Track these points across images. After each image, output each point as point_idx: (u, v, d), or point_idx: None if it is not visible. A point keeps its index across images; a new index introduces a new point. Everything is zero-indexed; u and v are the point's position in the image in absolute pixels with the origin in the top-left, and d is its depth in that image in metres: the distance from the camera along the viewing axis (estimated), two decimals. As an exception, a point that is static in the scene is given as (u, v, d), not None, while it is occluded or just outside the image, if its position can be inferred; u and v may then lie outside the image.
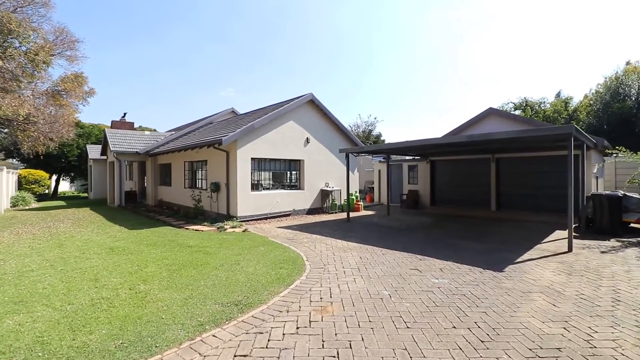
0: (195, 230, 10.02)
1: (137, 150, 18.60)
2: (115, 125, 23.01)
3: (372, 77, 70.75)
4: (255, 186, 12.19)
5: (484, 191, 13.98)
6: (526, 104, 33.90)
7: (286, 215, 12.74)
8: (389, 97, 67.17)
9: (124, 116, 23.97)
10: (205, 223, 10.93)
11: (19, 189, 24.03)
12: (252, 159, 11.88)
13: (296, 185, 13.65)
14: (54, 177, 30.71)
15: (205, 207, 13.06)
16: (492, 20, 61.87)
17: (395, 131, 62.99)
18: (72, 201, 23.24)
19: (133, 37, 73.80)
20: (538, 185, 12.47)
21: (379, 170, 18.43)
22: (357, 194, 15.45)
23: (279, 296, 4.36)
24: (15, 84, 9.64)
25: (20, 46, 9.30)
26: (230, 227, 10.23)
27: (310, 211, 13.63)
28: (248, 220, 11.49)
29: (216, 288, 4.64)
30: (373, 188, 19.95)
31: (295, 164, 13.57)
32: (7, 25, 8.87)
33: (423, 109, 69.03)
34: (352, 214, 12.93)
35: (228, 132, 11.91)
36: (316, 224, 10.98)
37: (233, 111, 21.46)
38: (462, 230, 9.69)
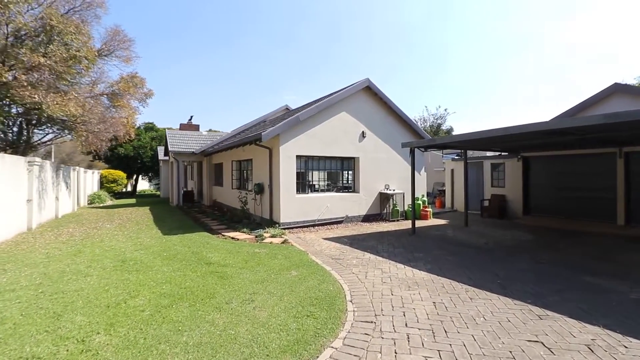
0: (231, 238, 8.71)
1: (194, 150, 18.54)
2: (182, 127, 23.75)
3: (444, 72, 64.85)
4: (302, 188, 10.52)
5: (606, 198, 10.26)
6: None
7: (337, 222, 10.82)
8: (462, 92, 60.67)
9: (190, 119, 24.72)
10: (244, 230, 9.59)
11: (100, 188, 26.46)
12: (298, 156, 10.22)
13: (350, 188, 11.64)
14: (134, 177, 33.58)
15: (251, 210, 11.85)
16: (593, -10, 51.67)
17: (469, 126, 56.59)
18: (142, 199, 24.59)
19: (208, 48, 79.55)
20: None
21: (452, 170, 15.38)
22: (425, 198, 12.82)
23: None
24: (60, 82, 9.47)
25: (63, 44, 9.00)
26: (269, 237, 8.69)
27: (367, 218, 11.50)
28: (292, 228, 9.86)
29: (195, 356, 2.92)
30: (444, 191, 16.89)
31: (348, 163, 11.57)
32: (49, 22, 8.60)
33: (502, 102, 60.93)
34: (418, 223, 10.48)
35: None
36: (372, 236, 8.83)
37: (287, 108, 20.29)
38: (589, 257, 6.65)
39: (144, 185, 43.40)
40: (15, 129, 13.64)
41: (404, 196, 12.07)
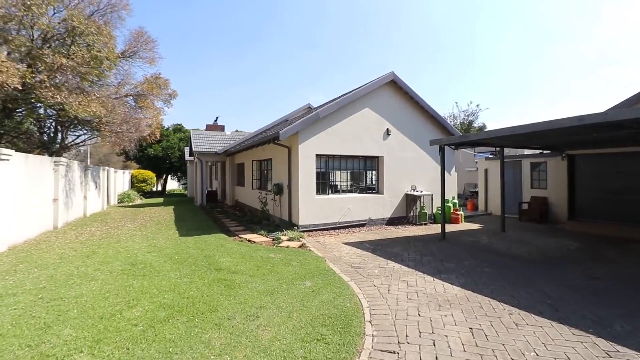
0: (248, 240, 8.35)
1: (217, 150, 18.57)
2: (208, 128, 24.08)
3: (474, 68, 61.94)
4: (322, 189, 9.99)
5: (672, 202, 8.89)
6: None
7: (360, 225, 10.19)
8: (495, 88, 57.59)
9: (216, 120, 25.05)
10: (262, 232, 9.20)
11: (131, 187, 27.40)
12: (318, 155, 9.70)
13: (373, 189, 10.96)
14: (164, 177, 34.62)
15: (271, 212, 11.48)
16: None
17: (504, 123, 53.52)
18: (170, 199, 25.12)
19: (235, 50, 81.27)
20: None
21: (486, 170, 14.24)
22: (455, 201, 11.87)
23: None
24: (83, 82, 9.56)
25: (85, 44, 9.06)
26: (286, 240, 8.24)
27: (391, 221, 10.76)
28: (312, 230, 9.35)
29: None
30: (476, 193, 15.74)
31: (371, 162, 10.90)
32: (71, 23, 8.65)
33: (538, 99, 57.18)
34: (448, 228, 9.62)
35: (295, 126, 10.00)
36: (397, 241, 8.13)
37: (309, 107, 19.85)
38: (655, 272, 5.61)
39: (173, 184, 44.71)
40: (48, 130, 14.19)
41: (432, 198, 11.21)
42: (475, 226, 10.74)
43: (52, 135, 14.32)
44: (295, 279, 5.06)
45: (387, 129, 10.72)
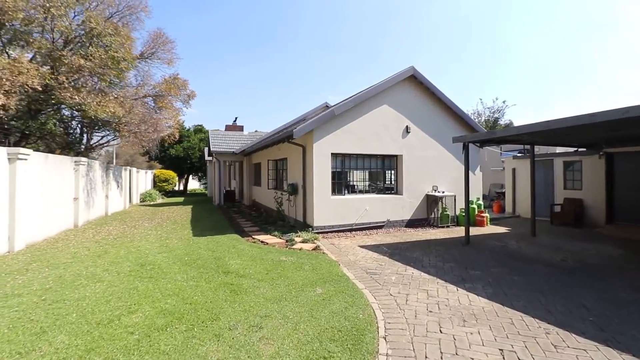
0: (261, 242, 8.13)
1: (234, 150, 18.59)
2: (228, 128, 24.29)
3: (502, 65, 59.48)
4: (338, 189, 9.63)
5: None
6: None
7: (378, 227, 9.75)
8: (523, 85, 55.00)
9: (235, 120, 25.25)
10: (276, 233, 8.97)
11: (153, 187, 28.08)
12: (333, 154, 9.35)
13: (392, 189, 10.49)
14: (185, 176, 35.35)
15: (286, 212, 11.25)
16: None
17: (532, 120, 51.02)
18: (190, 198, 25.50)
19: (257, 52, 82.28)
20: None
21: (513, 169, 13.39)
22: (480, 202, 11.19)
23: None
24: (101, 83, 9.68)
25: (102, 45, 9.16)
26: (300, 242, 7.95)
27: (411, 223, 10.25)
28: (327, 232, 9.02)
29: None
30: (503, 194, 14.87)
31: (390, 161, 10.42)
32: (88, 24, 8.75)
33: (568, 96, 54.13)
34: (472, 231, 9.02)
35: (311, 124, 9.70)
36: (417, 245, 7.66)
37: (326, 105, 19.51)
38: None
39: (194, 184, 45.65)
40: (73, 131, 14.63)
41: (455, 199, 10.60)
42: (502, 229, 10.05)
43: (78, 136, 14.76)
44: (305, 285, 4.74)
45: (407, 127, 10.22)
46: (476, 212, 10.66)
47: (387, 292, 4.55)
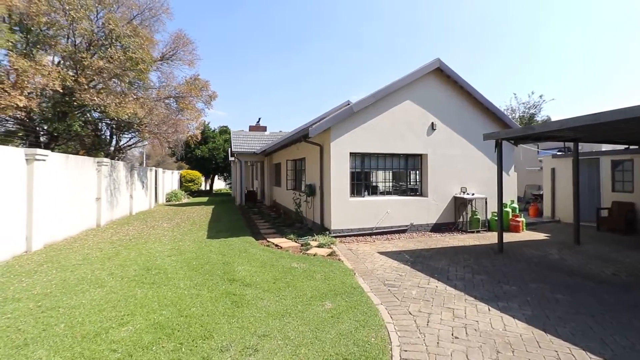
0: (275, 245, 7.79)
1: (255, 150, 18.51)
2: (251, 129, 24.38)
3: (537, 59, 56.02)
4: (357, 190, 9.10)
5: None
6: None
7: (400, 231, 9.12)
8: (562, 79, 51.37)
9: (258, 121, 25.33)
10: (291, 236, 8.60)
11: (180, 187, 28.77)
12: (352, 153, 8.83)
13: (416, 190, 9.80)
14: (211, 176, 36.06)
15: (304, 214, 10.87)
16: None
17: (572, 115, 47.44)
18: (214, 198, 25.83)
19: (282, 53, 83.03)
20: None
21: (553, 169, 12.20)
22: (515, 205, 10.22)
23: None
24: (121, 84, 9.77)
25: (121, 46, 9.21)
26: (315, 246, 7.51)
27: (437, 227, 9.52)
28: (345, 236, 8.52)
29: None
30: (540, 196, 13.65)
31: (414, 160, 9.74)
32: (107, 26, 8.81)
33: (614, 90, 49.84)
34: (506, 237, 8.18)
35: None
36: (443, 253, 6.98)
37: (348, 103, 18.97)
38: None
39: (220, 184, 46.56)
40: (103, 133, 15.08)
41: (486, 202, 9.73)
42: (540, 236, 9.08)
43: (107, 138, 15.20)
44: (314, 298, 4.29)
45: (432, 123, 9.49)
46: (510, 216, 9.73)
47: (405, 309, 3.99)
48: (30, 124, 10.75)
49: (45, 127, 11.28)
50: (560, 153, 12.66)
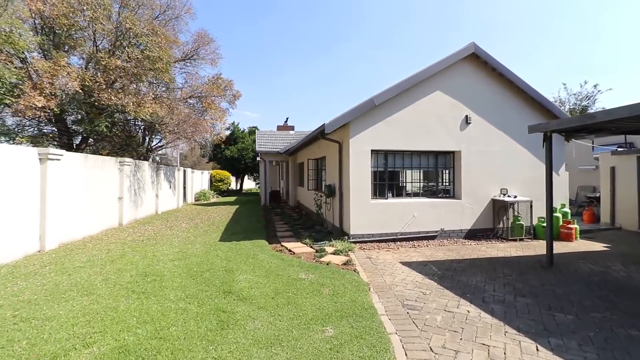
0: (288, 250, 7.21)
1: (279, 150, 18.16)
2: (279, 129, 24.24)
3: (591, 47, 50.89)
4: (379, 191, 8.28)
5: None
6: None
7: (428, 237, 8.16)
8: (619, 67, 46.18)
9: (286, 121, 25.18)
10: (307, 240, 7.97)
11: (210, 186, 29.31)
12: (373, 151, 8.03)
13: (447, 192, 8.77)
14: (241, 176, 36.57)
15: (324, 216, 10.23)
16: None
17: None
18: (242, 197, 25.97)
19: (313, 54, 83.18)
20: None
21: (612, 168, 10.50)
22: (566, 209, 8.83)
23: None
24: (139, 84, 9.71)
25: (138, 45, 9.12)
26: (331, 252, 6.82)
27: (472, 234, 8.43)
28: (365, 242, 7.74)
29: None
30: (597, 199, 11.90)
31: (445, 158, 8.72)
32: (124, 25, 8.73)
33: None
34: (556, 247, 6.96)
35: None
36: (478, 265, 5.98)
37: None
38: None
39: (250, 184, 47.24)
40: (136, 134, 15.43)
41: (530, 205, 8.46)
42: (597, 246, 7.69)
43: (140, 139, 15.55)
44: (314, 320, 3.61)
45: (467, 116, 8.42)
46: (561, 222, 8.39)
47: (426, 343, 3.18)
48: (60, 126, 11.09)
49: (74, 128, 11.60)
50: (621, 149, 10.90)
